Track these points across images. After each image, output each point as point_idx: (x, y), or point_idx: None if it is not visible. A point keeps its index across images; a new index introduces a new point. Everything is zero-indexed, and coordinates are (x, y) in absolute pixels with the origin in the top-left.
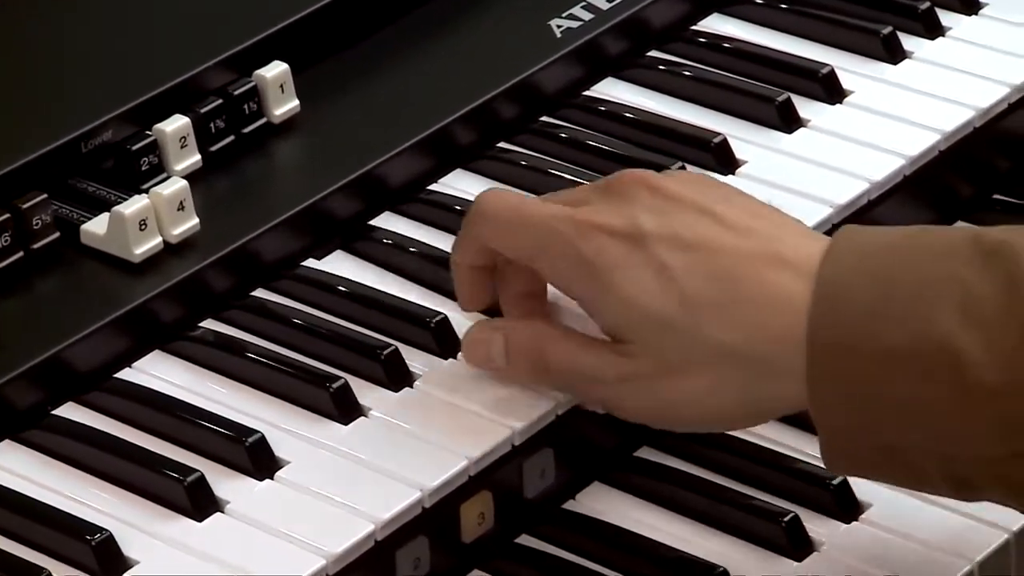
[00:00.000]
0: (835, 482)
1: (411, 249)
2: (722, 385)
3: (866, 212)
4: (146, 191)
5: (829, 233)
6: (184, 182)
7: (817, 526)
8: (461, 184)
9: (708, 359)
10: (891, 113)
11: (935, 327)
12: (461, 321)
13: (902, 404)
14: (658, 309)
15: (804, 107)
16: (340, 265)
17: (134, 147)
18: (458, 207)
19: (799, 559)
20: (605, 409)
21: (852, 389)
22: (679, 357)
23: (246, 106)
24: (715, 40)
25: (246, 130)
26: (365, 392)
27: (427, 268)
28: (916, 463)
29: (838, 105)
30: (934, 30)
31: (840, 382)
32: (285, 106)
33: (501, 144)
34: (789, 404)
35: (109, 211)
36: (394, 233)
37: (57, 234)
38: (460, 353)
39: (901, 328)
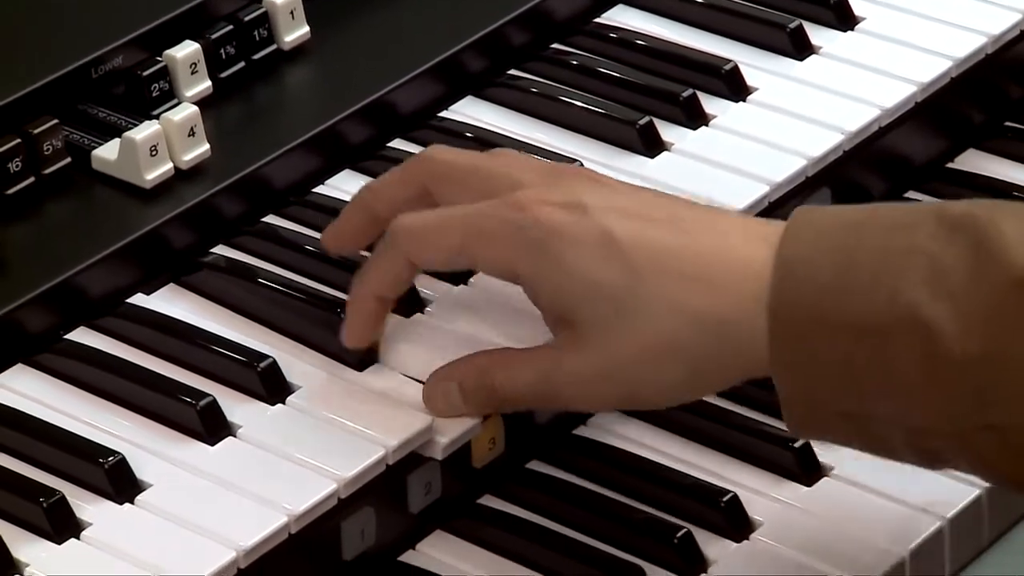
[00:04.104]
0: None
1: None
2: (672, 349)
3: (877, 139)
4: (157, 117)
5: (831, 169)
6: (195, 108)
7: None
8: (472, 111)
9: (656, 322)
10: (903, 39)
11: (902, 298)
12: None
13: (868, 375)
14: (603, 280)
15: (816, 34)
16: (348, 184)
17: (145, 73)
18: (469, 134)
19: (809, 484)
20: (562, 409)
21: (816, 360)
22: (628, 333)
23: (256, 32)
24: None
25: (256, 56)
26: None
27: None
28: (881, 434)
29: (850, 32)
30: None
31: (804, 353)
32: (295, 32)
33: (512, 71)
34: (747, 367)
35: (120, 137)
36: (402, 151)
37: (68, 159)
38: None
39: (866, 300)
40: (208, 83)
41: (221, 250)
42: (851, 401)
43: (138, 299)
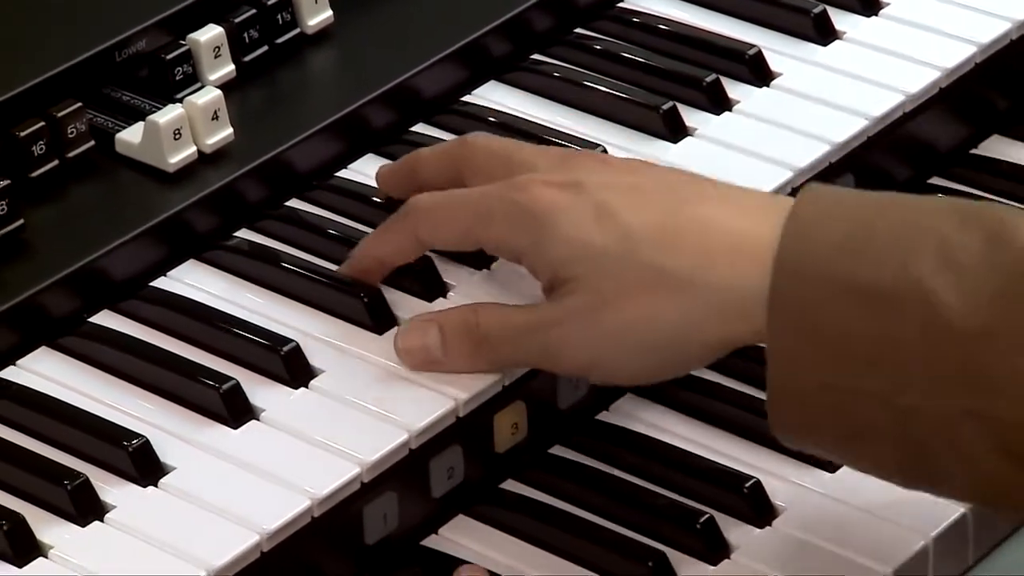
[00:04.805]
0: None
1: None
2: (659, 310)
3: (901, 125)
4: (180, 101)
5: (854, 155)
6: (218, 92)
7: None
8: (495, 96)
9: (647, 284)
10: (928, 25)
11: (910, 270)
12: None
13: (865, 343)
14: (597, 242)
15: (840, 19)
16: (371, 169)
17: (168, 56)
18: (492, 118)
19: (833, 470)
20: (543, 364)
21: (814, 322)
22: (618, 284)
23: (280, 16)
24: None
25: (280, 40)
26: (401, 303)
27: None
28: (868, 417)
29: (874, 17)
30: None
31: (804, 312)
32: (319, 16)
33: (535, 56)
34: (735, 334)
35: (144, 120)
36: (424, 136)
37: (92, 143)
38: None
39: (875, 267)
40: (232, 67)
41: (244, 234)
42: (842, 371)
43: (161, 282)
